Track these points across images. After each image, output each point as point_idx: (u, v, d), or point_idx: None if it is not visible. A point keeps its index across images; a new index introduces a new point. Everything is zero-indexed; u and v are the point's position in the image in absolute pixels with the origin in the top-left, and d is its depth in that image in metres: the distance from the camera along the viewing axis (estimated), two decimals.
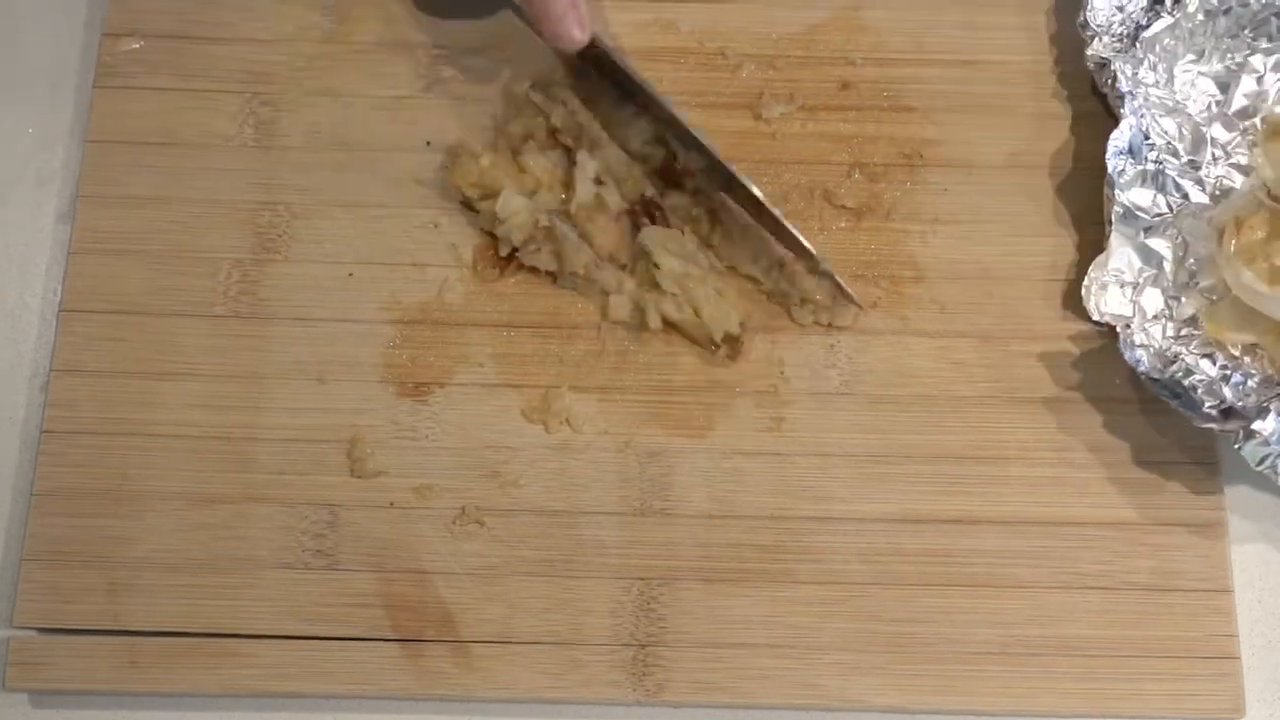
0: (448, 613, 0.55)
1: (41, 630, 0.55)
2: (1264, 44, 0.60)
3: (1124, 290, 0.57)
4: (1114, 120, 0.59)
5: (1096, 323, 0.58)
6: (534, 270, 0.59)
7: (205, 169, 0.60)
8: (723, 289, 0.58)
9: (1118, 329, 0.56)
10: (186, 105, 0.61)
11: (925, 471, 0.57)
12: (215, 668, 0.54)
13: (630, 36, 0.63)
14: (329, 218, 0.60)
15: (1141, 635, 0.55)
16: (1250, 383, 0.55)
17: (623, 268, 0.59)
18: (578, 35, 0.56)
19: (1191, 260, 0.58)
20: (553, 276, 0.59)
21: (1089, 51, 0.60)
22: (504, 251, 0.59)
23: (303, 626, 0.55)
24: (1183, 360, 0.56)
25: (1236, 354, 0.57)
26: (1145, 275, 0.58)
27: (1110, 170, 0.58)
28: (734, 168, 0.57)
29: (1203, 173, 0.59)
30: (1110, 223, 0.58)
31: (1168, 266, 0.58)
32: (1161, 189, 0.58)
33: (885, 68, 0.62)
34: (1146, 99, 0.59)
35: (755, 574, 0.56)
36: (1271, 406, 0.54)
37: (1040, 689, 0.55)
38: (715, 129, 0.60)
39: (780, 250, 0.58)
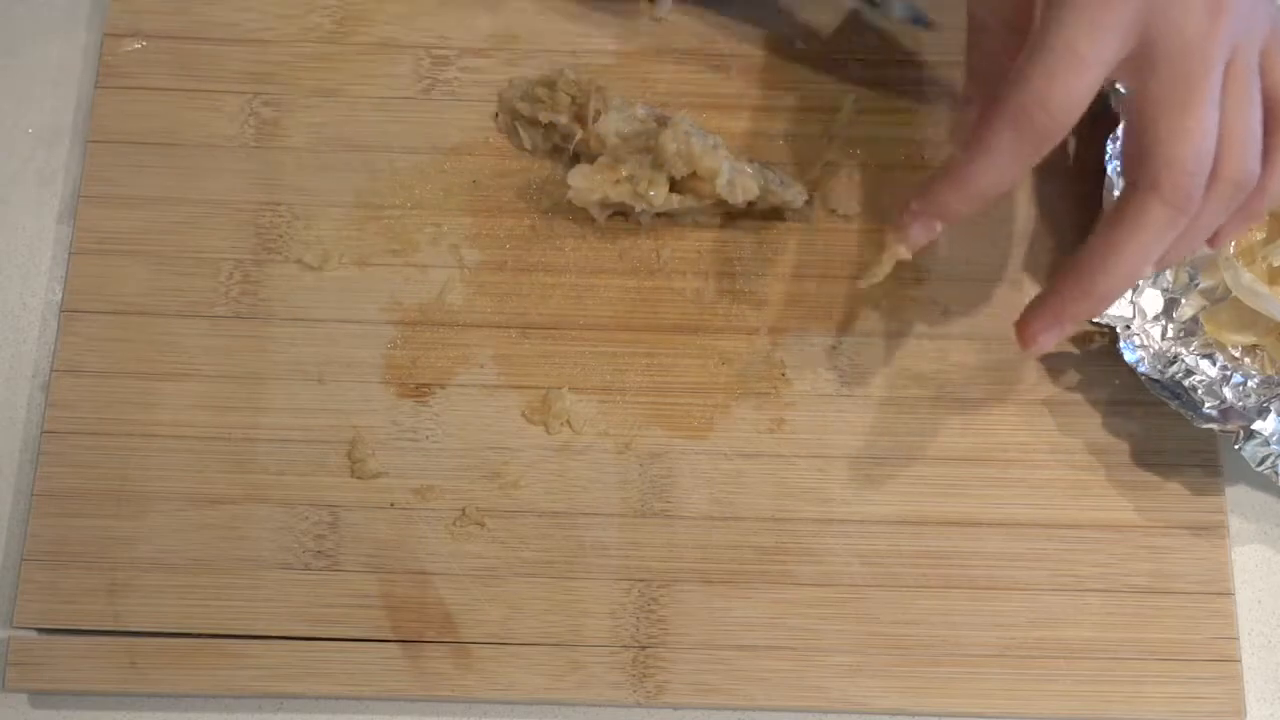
0: (448, 614, 0.55)
1: (41, 630, 0.55)
2: None
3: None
4: (1114, 121, 0.59)
5: (1096, 324, 0.58)
6: (529, 270, 0.59)
7: (207, 169, 0.60)
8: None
9: (1117, 330, 0.56)
10: (188, 105, 0.61)
11: (925, 473, 0.57)
12: (216, 668, 0.54)
13: (633, 38, 0.63)
14: (330, 218, 0.60)
15: (1141, 638, 0.55)
16: (1250, 383, 0.56)
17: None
18: None
19: (1191, 261, 0.58)
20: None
21: None
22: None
23: (303, 627, 0.55)
24: (1183, 361, 0.56)
25: (1237, 355, 0.57)
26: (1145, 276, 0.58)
27: (1110, 171, 0.58)
28: None
29: None
30: None
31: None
32: None
33: (887, 69, 0.62)
34: None
35: (756, 576, 0.56)
36: (1272, 407, 0.54)
37: (1040, 691, 0.55)
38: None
39: None
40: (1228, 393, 0.55)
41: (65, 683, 0.54)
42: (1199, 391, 0.55)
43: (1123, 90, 0.57)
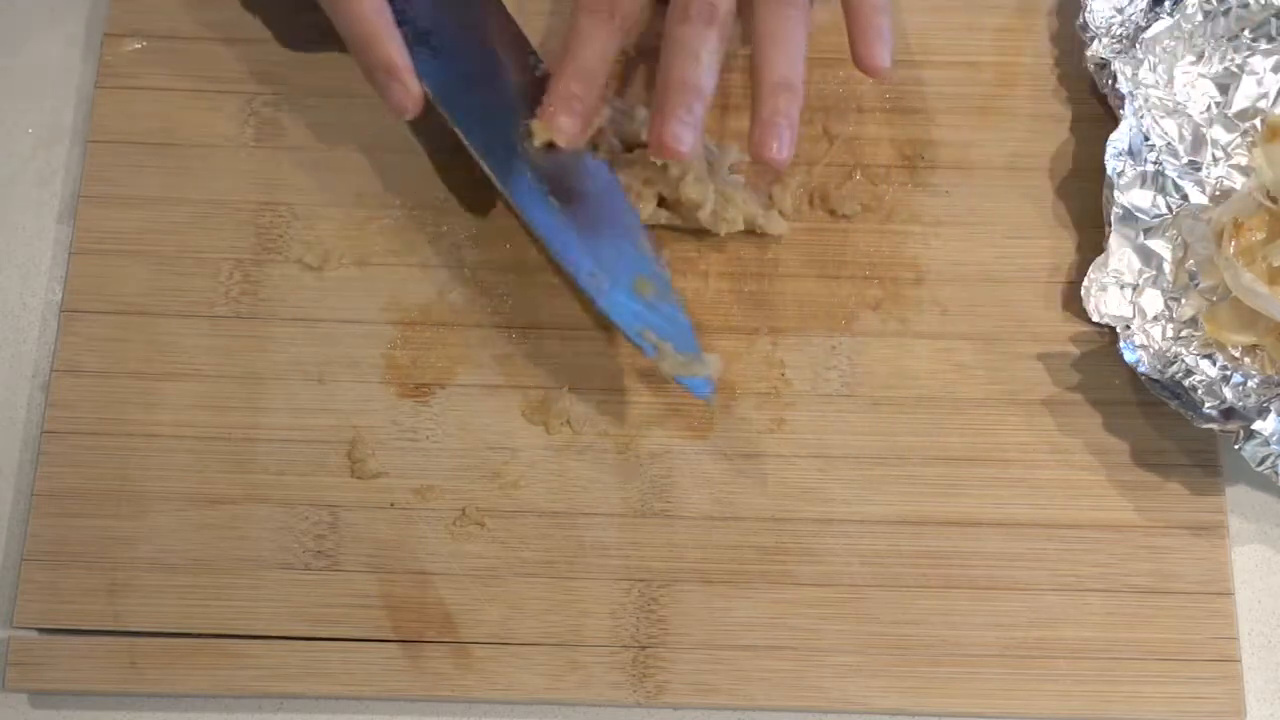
0: (448, 614, 0.55)
1: (41, 630, 0.55)
2: (1264, 45, 0.60)
3: (1124, 291, 0.58)
4: (1114, 121, 0.59)
5: (1096, 324, 0.58)
6: (529, 270, 0.59)
7: (206, 169, 0.60)
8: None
9: (1117, 330, 0.56)
10: (188, 105, 0.61)
11: (925, 473, 0.57)
12: (216, 668, 0.54)
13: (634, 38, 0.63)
14: (330, 218, 0.60)
15: (1141, 637, 0.55)
16: (1250, 383, 0.56)
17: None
18: (409, 106, 0.56)
19: (1191, 261, 0.58)
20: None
21: (1089, 52, 0.60)
22: None
23: (303, 627, 0.55)
24: (1183, 361, 0.56)
25: (1237, 355, 0.57)
26: (1145, 276, 0.58)
27: (1110, 171, 0.58)
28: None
29: (1203, 174, 0.59)
30: (1110, 224, 0.58)
31: (1167, 268, 0.58)
32: (1161, 190, 0.59)
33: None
34: (1146, 100, 0.59)
35: (756, 576, 0.56)
36: (1272, 407, 0.54)
37: (1040, 691, 0.54)
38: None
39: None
40: (1228, 393, 0.55)
41: (65, 683, 0.54)
42: (1199, 391, 0.55)
43: None
